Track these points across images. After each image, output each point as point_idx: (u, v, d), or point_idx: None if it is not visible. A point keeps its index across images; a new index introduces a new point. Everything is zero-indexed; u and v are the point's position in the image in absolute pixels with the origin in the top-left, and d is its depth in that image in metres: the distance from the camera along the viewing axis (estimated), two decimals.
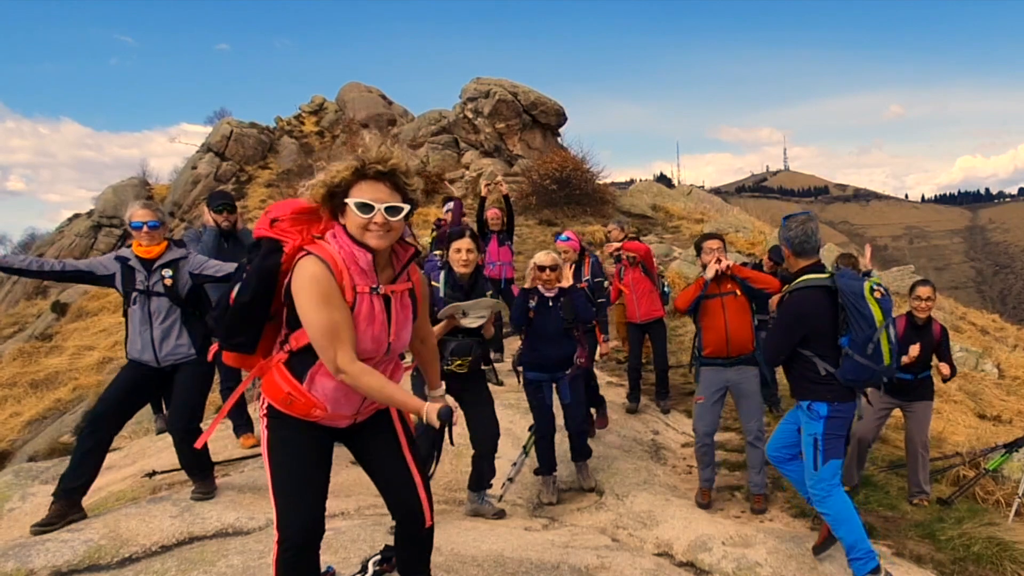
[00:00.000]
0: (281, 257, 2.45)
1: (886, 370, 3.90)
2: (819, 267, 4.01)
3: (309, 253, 2.41)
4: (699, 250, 5.41)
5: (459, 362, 4.44)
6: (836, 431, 3.93)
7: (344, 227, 2.45)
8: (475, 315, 4.41)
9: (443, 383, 2.99)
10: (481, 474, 4.76)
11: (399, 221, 2.45)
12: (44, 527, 4.02)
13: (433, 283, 4.44)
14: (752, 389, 5.16)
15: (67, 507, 4.16)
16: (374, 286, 2.48)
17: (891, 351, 3.85)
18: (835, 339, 3.91)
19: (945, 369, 5.70)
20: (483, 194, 8.84)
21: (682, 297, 5.28)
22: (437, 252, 5.50)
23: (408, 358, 3.46)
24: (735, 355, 5.11)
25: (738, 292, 5.13)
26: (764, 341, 4.36)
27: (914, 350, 5.38)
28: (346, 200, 2.40)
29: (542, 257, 5.20)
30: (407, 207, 2.46)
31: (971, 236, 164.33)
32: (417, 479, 2.72)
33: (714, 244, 5.27)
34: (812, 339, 3.94)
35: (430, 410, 2.47)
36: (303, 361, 2.48)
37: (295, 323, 2.45)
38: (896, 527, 4.98)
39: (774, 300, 4.82)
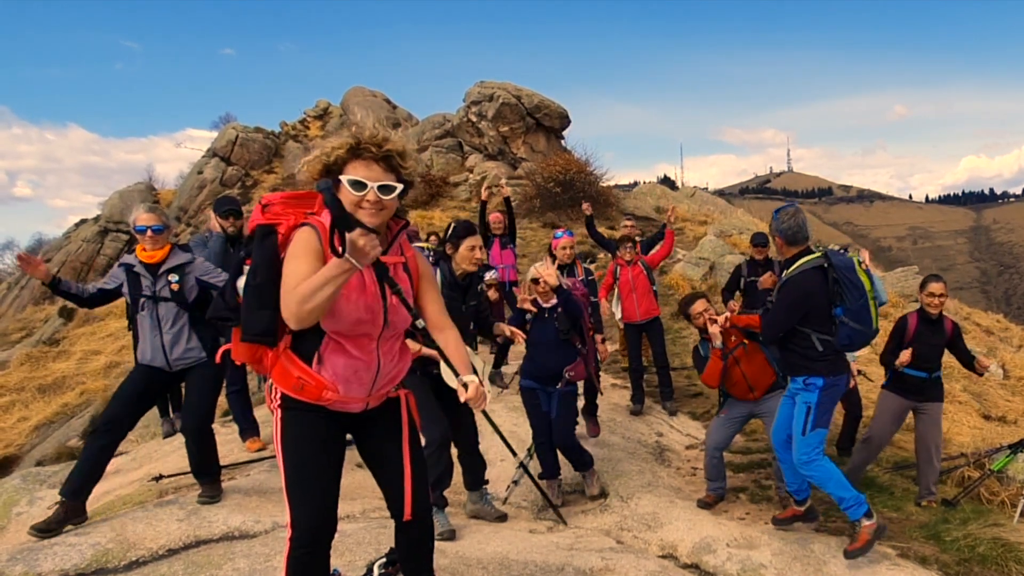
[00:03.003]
0: (277, 238, 2.49)
1: (874, 333, 4.33)
2: (809, 251, 4.36)
3: (303, 225, 2.46)
4: (688, 317, 5.39)
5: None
6: (829, 402, 4.33)
7: None
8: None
9: (473, 373, 2.79)
10: (473, 470, 4.74)
11: (392, 200, 2.48)
12: (44, 532, 4.01)
13: None
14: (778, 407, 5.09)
15: (71, 509, 4.18)
16: None
17: (877, 316, 4.28)
18: (829, 312, 4.26)
19: (983, 361, 5.71)
20: (483, 198, 8.86)
21: (709, 376, 5.22)
22: (424, 244, 5.36)
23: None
24: (761, 396, 5.17)
25: (745, 341, 5.12)
26: (764, 319, 4.56)
27: (905, 356, 5.37)
28: (340, 177, 2.43)
29: (537, 270, 5.23)
30: (400, 186, 2.49)
31: (975, 236, 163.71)
32: (407, 472, 2.69)
33: (699, 307, 5.25)
34: (811, 315, 4.26)
35: (351, 248, 2.25)
36: (309, 342, 2.49)
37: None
38: (901, 528, 4.97)
39: (765, 279, 4.85)
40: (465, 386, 2.62)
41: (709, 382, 5.29)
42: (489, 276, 7.43)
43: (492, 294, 6.28)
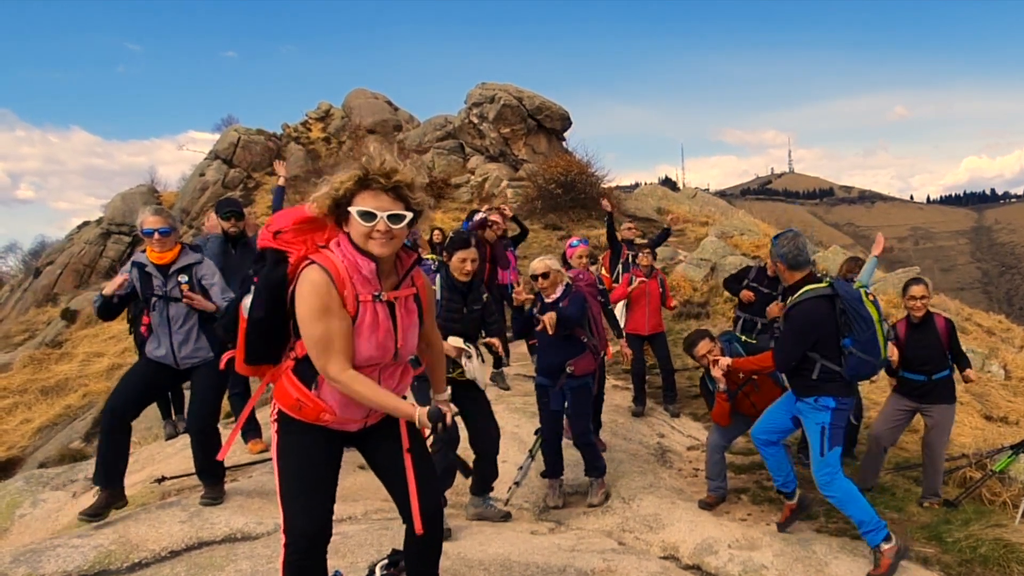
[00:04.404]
0: (287, 268, 2.49)
1: (882, 363, 4.39)
2: (813, 278, 4.33)
3: (313, 262, 2.44)
4: (692, 356, 5.31)
5: (461, 370, 4.50)
6: (840, 421, 4.30)
7: (348, 235, 2.48)
8: (475, 366, 4.56)
9: (448, 388, 2.98)
10: (484, 477, 4.79)
11: (402, 229, 2.48)
12: (92, 516, 4.17)
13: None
14: None
15: (112, 495, 4.32)
16: (376, 293, 2.51)
17: (884, 344, 4.32)
18: (838, 341, 4.22)
19: (970, 375, 5.55)
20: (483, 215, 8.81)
21: (718, 417, 5.21)
22: (430, 257, 5.55)
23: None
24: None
25: (754, 375, 5.07)
26: (775, 349, 4.51)
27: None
28: (349, 208, 2.43)
29: (536, 265, 5.25)
30: (410, 215, 2.49)
31: (977, 237, 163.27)
32: (412, 487, 2.68)
33: (703, 349, 5.15)
34: (819, 343, 4.24)
35: (421, 413, 2.47)
36: (311, 367, 2.50)
37: (299, 331, 2.49)
38: (903, 529, 4.97)
39: (772, 309, 4.79)
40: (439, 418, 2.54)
41: (719, 422, 5.26)
42: (479, 216, 7.56)
43: (489, 235, 7.08)
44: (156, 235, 4.45)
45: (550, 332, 5.00)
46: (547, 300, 5.22)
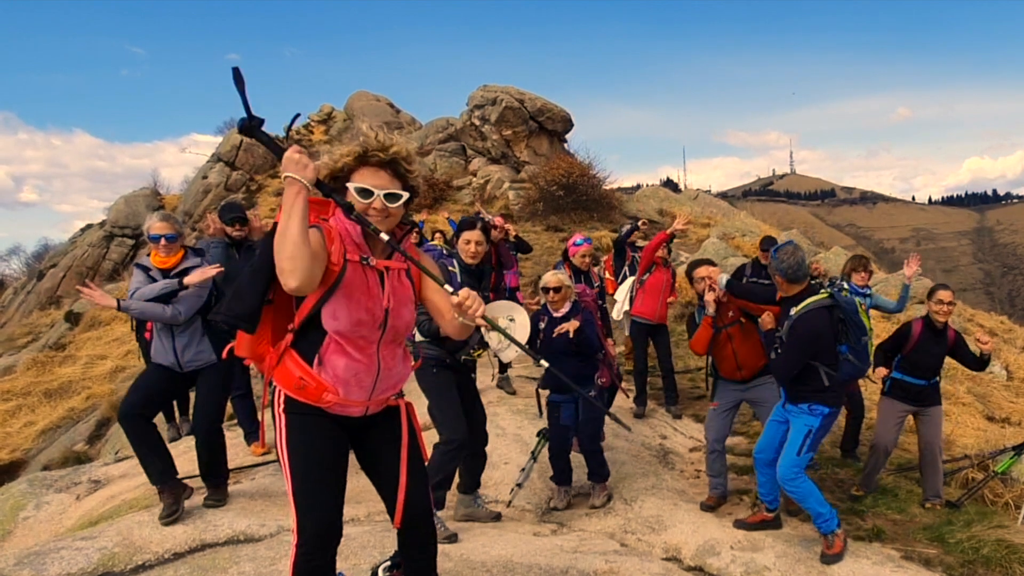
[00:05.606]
0: None
1: (868, 367, 4.72)
2: (812, 289, 4.49)
3: (311, 227, 2.46)
4: (691, 280, 5.34)
5: (479, 352, 4.54)
6: (825, 429, 4.53)
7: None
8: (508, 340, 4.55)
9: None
10: (474, 472, 4.82)
11: (398, 207, 2.53)
12: (168, 517, 4.21)
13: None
14: (771, 397, 5.06)
15: (174, 491, 4.37)
16: (365, 256, 2.54)
17: (871, 352, 4.65)
18: (835, 350, 4.44)
19: (984, 337, 5.66)
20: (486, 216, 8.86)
21: (696, 342, 5.25)
22: (435, 242, 5.59)
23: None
24: (748, 377, 5.19)
25: (742, 319, 5.10)
26: (776, 359, 4.58)
27: (880, 372, 5.61)
28: (348, 184, 2.49)
29: (548, 279, 5.25)
30: (406, 194, 2.54)
31: (979, 238, 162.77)
32: (403, 480, 2.70)
33: (703, 272, 5.15)
34: (820, 352, 4.40)
35: (288, 163, 2.29)
36: (311, 342, 2.52)
37: (299, 303, 2.52)
38: (905, 530, 4.98)
39: (766, 321, 4.81)
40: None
41: (696, 348, 5.32)
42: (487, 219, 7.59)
43: (494, 235, 6.79)
44: (163, 241, 4.49)
45: (572, 335, 5.00)
46: (555, 315, 5.23)
